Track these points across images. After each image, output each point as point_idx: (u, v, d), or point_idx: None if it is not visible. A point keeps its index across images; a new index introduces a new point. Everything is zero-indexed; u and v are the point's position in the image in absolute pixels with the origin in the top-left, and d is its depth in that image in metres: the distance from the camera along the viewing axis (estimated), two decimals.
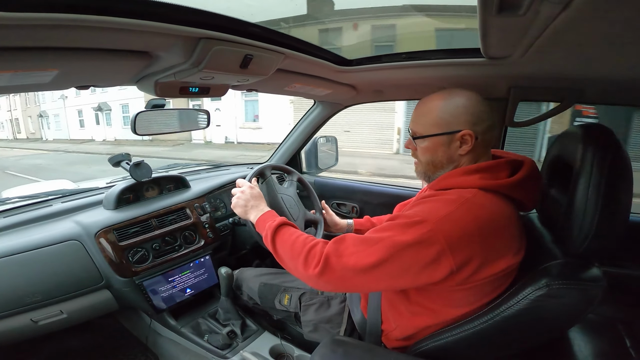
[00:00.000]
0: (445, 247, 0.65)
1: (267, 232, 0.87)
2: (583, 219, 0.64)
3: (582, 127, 0.71)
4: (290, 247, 0.80)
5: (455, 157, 0.79)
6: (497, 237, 0.69)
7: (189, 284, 1.41)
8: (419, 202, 0.76)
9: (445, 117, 0.77)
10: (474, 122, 0.75)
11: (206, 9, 0.67)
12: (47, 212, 1.29)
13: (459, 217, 0.67)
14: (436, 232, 0.65)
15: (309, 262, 0.74)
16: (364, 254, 0.69)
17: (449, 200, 0.70)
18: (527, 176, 0.76)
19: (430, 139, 0.80)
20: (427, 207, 0.71)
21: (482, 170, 0.75)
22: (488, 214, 0.69)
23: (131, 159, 1.39)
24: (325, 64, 1.06)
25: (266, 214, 0.95)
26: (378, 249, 0.68)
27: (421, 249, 0.66)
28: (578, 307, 0.65)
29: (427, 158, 0.82)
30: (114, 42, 0.66)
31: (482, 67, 0.95)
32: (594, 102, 1.05)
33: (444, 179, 0.79)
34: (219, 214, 1.57)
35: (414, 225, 0.67)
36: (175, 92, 0.93)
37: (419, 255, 0.66)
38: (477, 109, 0.76)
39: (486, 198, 0.71)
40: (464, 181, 0.75)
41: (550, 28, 0.57)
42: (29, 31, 0.52)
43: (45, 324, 1.10)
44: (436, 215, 0.67)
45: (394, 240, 0.68)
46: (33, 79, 0.71)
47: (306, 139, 1.86)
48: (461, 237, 0.65)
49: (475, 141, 0.76)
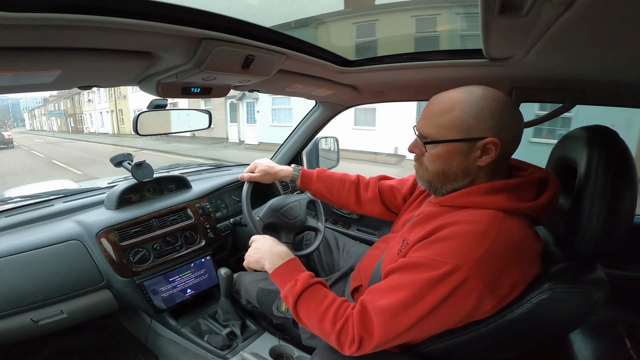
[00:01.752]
0: (484, 291, 0.60)
1: (287, 295, 0.77)
2: (587, 222, 0.64)
3: (586, 129, 0.71)
4: (318, 323, 0.71)
5: (472, 169, 0.68)
6: (528, 262, 0.65)
7: (189, 284, 1.41)
8: (438, 236, 0.65)
9: (467, 120, 0.65)
10: (501, 129, 0.64)
11: (208, 9, 0.67)
12: (48, 211, 1.29)
13: (494, 255, 0.60)
14: (474, 278, 0.59)
15: (341, 342, 0.67)
16: (393, 322, 0.63)
17: (479, 235, 0.61)
18: (554, 196, 0.68)
19: (445, 145, 0.68)
20: (452, 246, 0.62)
21: (510, 189, 0.67)
22: (520, 242, 0.63)
23: (133, 159, 1.39)
24: (326, 64, 1.06)
25: (284, 268, 0.81)
26: (409, 314, 0.62)
27: (460, 300, 0.60)
28: (581, 310, 0.64)
29: (437, 167, 0.71)
30: (116, 42, 0.66)
31: (484, 68, 0.95)
32: (596, 103, 1.05)
33: (462, 197, 0.70)
34: (219, 215, 1.57)
35: (446, 277, 0.60)
36: (177, 93, 0.94)
37: (458, 307, 0.61)
38: (505, 113, 0.65)
39: (513, 223, 0.64)
40: (488, 201, 0.66)
41: (552, 29, 0.57)
42: (32, 31, 0.52)
43: (45, 324, 1.10)
44: (470, 257, 0.59)
45: (426, 301, 0.61)
46: (36, 79, 0.71)
47: (307, 140, 1.86)
48: (499, 276, 0.60)
49: (500, 152, 0.65)
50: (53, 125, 42.90)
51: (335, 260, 1.38)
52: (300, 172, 1.19)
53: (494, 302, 0.62)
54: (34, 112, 54.38)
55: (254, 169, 1.21)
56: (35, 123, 53.66)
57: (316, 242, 1.31)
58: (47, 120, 45.71)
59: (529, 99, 1.08)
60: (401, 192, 1.07)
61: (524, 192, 0.68)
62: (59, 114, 37.41)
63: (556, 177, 0.72)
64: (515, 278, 0.63)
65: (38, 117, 51.77)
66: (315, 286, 0.75)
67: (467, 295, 0.60)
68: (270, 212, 1.21)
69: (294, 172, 1.19)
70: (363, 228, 1.83)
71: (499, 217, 0.64)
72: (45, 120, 47.08)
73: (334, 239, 1.44)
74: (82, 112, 32.07)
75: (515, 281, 0.63)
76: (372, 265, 0.90)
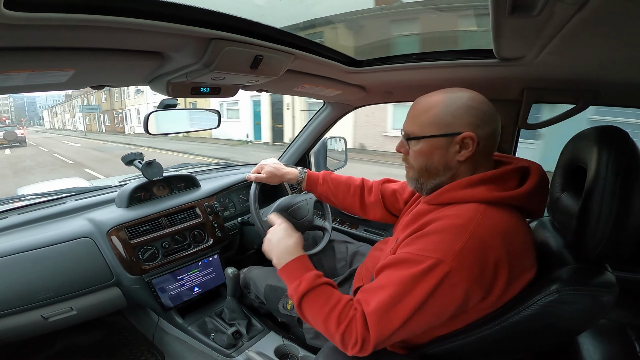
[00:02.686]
0: (470, 283, 0.61)
1: (292, 294, 0.78)
2: (597, 224, 0.62)
3: (597, 129, 0.69)
4: (323, 323, 0.71)
5: (452, 163, 0.72)
6: (515, 254, 0.65)
7: (196, 282, 1.43)
8: (422, 232, 0.68)
9: (446, 117, 0.70)
10: (477, 125, 0.68)
11: (217, 9, 0.68)
12: (60, 209, 1.32)
13: (475, 246, 0.61)
14: (457, 271, 0.60)
15: (345, 343, 0.68)
16: (386, 320, 0.64)
17: (459, 228, 0.63)
18: (537, 184, 0.70)
19: (425, 140, 0.72)
20: (434, 240, 0.64)
21: (488, 180, 0.69)
22: (502, 233, 0.64)
23: (143, 158, 1.41)
24: (334, 64, 1.06)
25: (292, 265, 0.82)
26: (400, 311, 0.63)
27: (445, 292, 0.61)
28: (590, 313, 0.63)
29: (420, 163, 0.75)
30: (127, 42, 0.68)
31: (494, 68, 0.94)
32: (610, 104, 1.03)
33: (444, 193, 0.72)
34: (227, 214, 1.58)
35: (430, 271, 0.61)
36: (186, 93, 0.95)
37: (446, 300, 0.62)
38: (481, 110, 0.69)
39: (496, 214, 0.65)
40: (468, 194, 0.68)
41: (565, 29, 0.56)
42: (46, 31, 0.53)
43: (55, 321, 1.12)
44: (451, 251, 0.61)
45: (413, 296, 0.62)
46: (49, 78, 0.73)
47: (315, 140, 1.86)
48: (483, 267, 0.61)
49: (477, 147, 0.69)
50: (79, 124, 36.93)
51: (338, 263, 1.37)
52: (306, 175, 1.19)
53: (482, 293, 0.63)
54: (55, 109, 50.09)
55: (260, 169, 1.22)
56: (56, 121, 49.96)
57: (323, 241, 1.31)
58: (71, 118, 40.99)
59: (541, 99, 1.06)
60: (403, 196, 1.07)
61: (506, 183, 0.70)
62: (92, 109, 30.72)
63: (540, 166, 0.73)
64: (501, 267, 0.62)
65: (60, 114, 47.42)
66: (320, 287, 0.76)
67: (453, 288, 0.61)
68: (277, 211, 1.22)
69: (300, 174, 1.19)
70: (370, 228, 1.82)
71: (480, 209, 0.65)
72: (69, 118, 42.49)
73: (339, 240, 1.44)
74: (123, 108, 25.34)
75: (502, 271, 0.63)
76: (374, 266, 0.90)
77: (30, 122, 69.96)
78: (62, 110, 45.77)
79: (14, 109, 73.20)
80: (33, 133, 34.28)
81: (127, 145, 16.49)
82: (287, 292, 1.12)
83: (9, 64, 0.60)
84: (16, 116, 70.48)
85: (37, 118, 72.07)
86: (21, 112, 73.92)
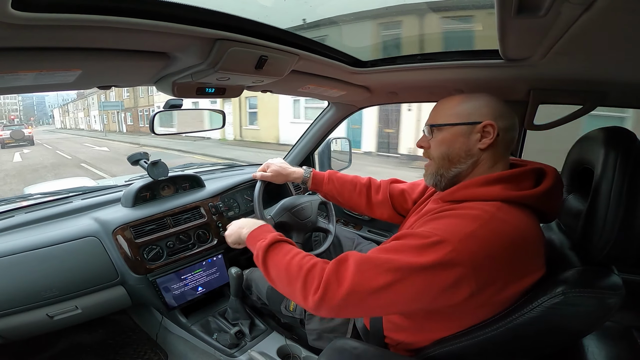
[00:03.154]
0: (469, 270, 0.59)
1: (257, 252, 0.78)
2: (603, 226, 0.62)
3: (604, 130, 0.69)
4: (285, 269, 0.71)
5: (474, 150, 0.73)
6: (523, 255, 0.64)
7: (200, 282, 1.43)
8: (432, 217, 0.69)
9: (467, 108, 0.74)
10: (496, 117, 0.72)
11: (222, 10, 0.68)
12: (67, 208, 1.33)
13: (484, 235, 0.60)
14: (460, 253, 0.59)
15: (307, 287, 0.66)
16: (369, 275, 0.62)
17: (472, 216, 0.63)
18: (553, 186, 0.69)
19: (448, 128, 0.75)
20: (445, 223, 0.64)
21: (505, 179, 0.69)
22: (514, 230, 0.63)
23: (149, 157, 1.42)
24: (339, 65, 1.06)
25: (257, 230, 0.85)
26: (387, 271, 0.61)
27: (440, 272, 0.59)
28: (595, 315, 0.62)
29: (442, 151, 0.76)
30: (134, 42, 0.68)
31: (500, 69, 0.93)
32: (618, 105, 1.01)
33: (459, 190, 0.72)
34: (231, 214, 1.58)
35: (433, 246, 0.60)
36: (192, 93, 0.95)
37: (437, 279, 0.60)
38: (500, 104, 0.74)
39: (511, 212, 0.65)
40: (485, 192, 0.68)
41: (572, 29, 0.56)
42: (54, 32, 0.54)
43: (60, 319, 1.12)
44: (459, 233, 0.60)
45: (408, 263, 0.60)
46: (57, 78, 0.73)
47: (320, 141, 1.86)
48: (486, 257, 0.60)
49: (497, 137, 0.71)
50: (94, 123, 32.46)
51: None
52: (311, 174, 1.20)
53: (474, 287, 0.60)
54: (67, 107, 44.99)
55: (266, 168, 1.23)
56: (68, 121, 44.93)
57: (326, 243, 1.32)
58: (85, 117, 36.09)
59: (547, 100, 1.06)
60: (412, 196, 1.07)
61: (521, 183, 0.70)
62: (113, 106, 26.20)
63: (555, 169, 0.73)
64: (500, 268, 0.61)
65: (73, 112, 42.23)
66: (283, 242, 0.79)
67: (449, 269, 0.59)
68: (281, 211, 1.22)
69: (305, 173, 1.20)
70: (374, 229, 1.81)
71: (496, 205, 0.65)
72: (82, 117, 37.65)
73: (345, 240, 1.44)
74: (150, 105, 21.99)
75: (499, 271, 0.61)
76: None
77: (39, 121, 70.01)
78: (74, 109, 41.25)
79: (22, 108, 73.55)
80: (44, 133, 31.85)
81: (169, 152, 12.26)
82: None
83: (18, 64, 0.61)
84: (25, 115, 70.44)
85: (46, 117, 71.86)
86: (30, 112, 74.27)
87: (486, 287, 0.62)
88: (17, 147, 17.06)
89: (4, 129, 18.80)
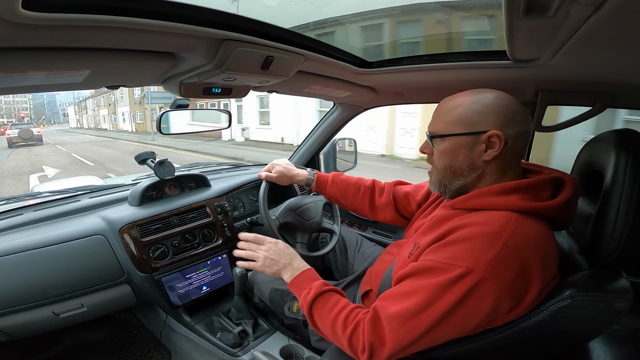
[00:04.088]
0: (500, 293, 0.58)
1: (302, 303, 0.79)
2: (613, 229, 0.61)
3: (615, 133, 0.68)
4: (331, 326, 0.71)
5: (478, 163, 0.69)
6: (546, 265, 0.63)
7: (205, 281, 1.44)
8: (449, 239, 0.65)
9: (471, 115, 0.68)
10: (505, 124, 0.65)
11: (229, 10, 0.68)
12: (74, 206, 1.34)
13: (507, 256, 0.59)
14: (488, 281, 0.57)
15: (353, 347, 0.66)
16: (403, 331, 0.61)
17: (492, 236, 0.60)
18: (571, 197, 0.66)
19: (450, 138, 0.70)
20: (464, 249, 0.61)
21: (523, 189, 0.66)
22: (536, 243, 0.61)
23: (156, 157, 1.43)
24: (345, 65, 1.06)
25: (300, 278, 0.84)
26: (420, 321, 0.60)
27: (474, 303, 0.58)
28: (603, 319, 0.61)
29: (444, 162, 0.72)
30: (142, 43, 0.69)
31: (508, 70, 0.92)
32: (627, 107, 1.00)
33: (473, 198, 0.69)
34: (237, 213, 1.59)
35: (458, 281, 0.58)
36: (198, 93, 0.96)
37: (474, 310, 0.59)
38: (509, 109, 0.67)
39: (528, 224, 0.63)
40: (500, 202, 0.65)
41: (581, 30, 0.55)
42: (63, 32, 0.54)
43: (66, 317, 1.13)
44: (482, 260, 0.58)
45: (439, 305, 0.59)
46: (66, 78, 0.74)
47: (325, 141, 1.86)
48: (515, 278, 0.59)
49: (504, 147, 0.66)
50: (122, 122, 27.02)
51: (349, 261, 1.37)
52: (315, 176, 1.20)
53: (511, 304, 0.60)
54: (85, 103, 39.12)
55: (271, 168, 1.23)
56: (86, 119, 39.53)
57: (331, 243, 1.32)
58: (109, 115, 30.93)
59: (556, 101, 1.04)
60: (416, 199, 1.06)
61: (539, 192, 0.67)
62: (162, 99, 17.47)
63: (574, 178, 0.70)
64: (534, 278, 0.60)
65: (93, 109, 36.48)
66: (328, 293, 0.77)
67: (482, 299, 0.59)
68: (286, 211, 1.22)
69: (309, 175, 1.21)
70: (379, 231, 1.81)
71: (512, 218, 0.62)
72: (105, 115, 32.27)
73: (350, 240, 1.44)
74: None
75: (535, 281, 0.61)
76: (384, 270, 0.89)
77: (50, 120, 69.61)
78: (95, 105, 34.89)
79: (32, 106, 73.57)
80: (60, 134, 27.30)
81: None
82: (292, 295, 1.13)
83: (27, 64, 0.62)
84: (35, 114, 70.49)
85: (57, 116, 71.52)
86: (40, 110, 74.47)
87: (521, 301, 0.61)
88: (26, 146, 16.62)
89: (11, 127, 18.44)
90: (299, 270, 0.85)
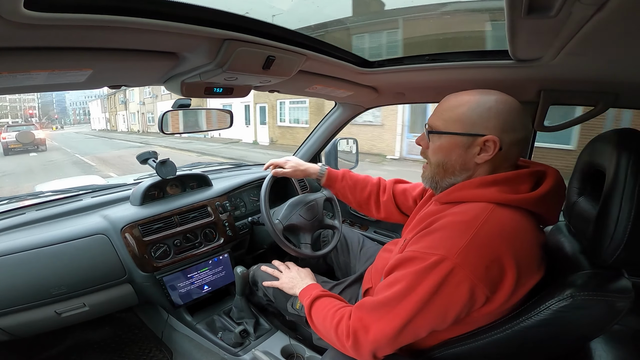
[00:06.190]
0: (474, 281, 0.59)
1: (304, 304, 0.89)
2: (615, 229, 0.61)
3: (616, 132, 0.67)
4: (323, 322, 0.79)
5: (470, 164, 0.70)
6: (522, 255, 0.63)
7: (206, 281, 1.44)
8: (427, 231, 0.67)
9: (472, 117, 0.68)
10: (504, 130, 0.67)
11: (230, 10, 0.68)
12: (77, 206, 1.35)
13: (480, 243, 0.60)
14: (461, 268, 0.59)
15: (339, 336, 0.71)
16: (386, 319, 0.64)
17: (464, 225, 0.62)
18: (552, 189, 0.68)
19: (447, 137, 0.71)
20: (439, 237, 0.64)
21: (501, 182, 0.67)
22: (510, 231, 0.63)
23: (157, 156, 1.43)
24: (346, 65, 1.06)
25: (305, 289, 0.95)
26: (403, 308, 0.62)
27: (450, 290, 0.60)
28: (603, 319, 0.61)
29: (438, 159, 0.73)
30: (144, 42, 0.69)
31: (510, 70, 0.92)
32: (630, 106, 1.00)
33: (455, 191, 0.71)
34: (238, 213, 1.59)
35: (434, 268, 0.61)
36: (200, 92, 0.96)
37: (452, 298, 0.60)
38: (511, 116, 0.67)
39: (505, 214, 0.64)
40: (479, 194, 0.67)
41: (583, 30, 0.55)
42: (65, 31, 0.54)
43: (68, 316, 1.14)
44: (455, 247, 0.60)
45: (417, 293, 0.61)
46: (68, 78, 0.74)
47: (326, 141, 1.86)
48: (488, 265, 0.60)
49: (498, 152, 0.67)
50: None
51: (351, 260, 1.38)
52: (326, 171, 1.24)
53: (487, 292, 0.61)
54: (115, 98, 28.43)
55: (284, 163, 1.27)
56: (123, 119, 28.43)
57: (334, 240, 1.32)
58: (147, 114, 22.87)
59: (558, 101, 1.04)
60: (412, 195, 1.09)
61: (519, 185, 0.68)
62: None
63: (557, 171, 0.71)
64: (508, 267, 0.61)
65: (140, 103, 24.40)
66: (325, 297, 0.86)
67: (458, 286, 0.60)
68: (289, 212, 1.24)
69: (321, 169, 1.25)
70: (380, 230, 1.81)
71: (489, 208, 0.64)
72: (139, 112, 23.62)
73: (352, 239, 1.45)
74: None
75: (509, 270, 0.61)
76: (383, 267, 0.90)
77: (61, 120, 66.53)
78: (148, 96, 23.35)
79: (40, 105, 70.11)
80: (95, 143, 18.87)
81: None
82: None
83: (30, 63, 0.62)
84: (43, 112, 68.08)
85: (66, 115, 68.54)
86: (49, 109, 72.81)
87: (497, 290, 0.62)
88: (25, 152, 13.78)
89: (7, 129, 14.79)
90: (307, 284, 0.97)
